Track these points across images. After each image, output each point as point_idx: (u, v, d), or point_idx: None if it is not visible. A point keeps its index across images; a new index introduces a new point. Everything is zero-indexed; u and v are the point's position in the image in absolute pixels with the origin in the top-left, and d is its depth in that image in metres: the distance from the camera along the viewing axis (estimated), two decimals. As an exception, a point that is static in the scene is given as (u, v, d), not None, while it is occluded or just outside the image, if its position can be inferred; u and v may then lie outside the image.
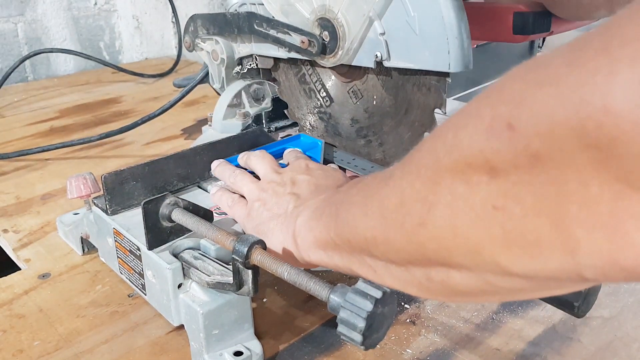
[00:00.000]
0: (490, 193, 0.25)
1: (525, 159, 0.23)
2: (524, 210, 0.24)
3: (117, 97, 1.38)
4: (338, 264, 0.41)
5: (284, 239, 0.47)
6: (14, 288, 0.62)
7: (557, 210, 0.22)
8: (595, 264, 0.22)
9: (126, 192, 0.57)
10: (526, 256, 0.25)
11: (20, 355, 0.52)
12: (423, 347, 0.52)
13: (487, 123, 0.24)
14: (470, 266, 0.28)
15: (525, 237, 0.24)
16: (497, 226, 0.25)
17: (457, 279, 0.30)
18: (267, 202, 0.52)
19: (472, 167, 0.25)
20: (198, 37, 0.77)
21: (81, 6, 1.72)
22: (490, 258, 0.26)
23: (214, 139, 0.65)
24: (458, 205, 0.27)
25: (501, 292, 0.29)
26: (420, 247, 0.30)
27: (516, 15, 0.56)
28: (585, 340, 0.52)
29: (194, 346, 0.49)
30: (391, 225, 0.32)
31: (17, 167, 0.96)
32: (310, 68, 0.69)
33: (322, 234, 0.41)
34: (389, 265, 0.35)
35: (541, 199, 0.23)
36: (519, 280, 0.27)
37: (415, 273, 0.33)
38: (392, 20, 0.54)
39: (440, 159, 0.28)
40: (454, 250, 0.28)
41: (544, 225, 0.23)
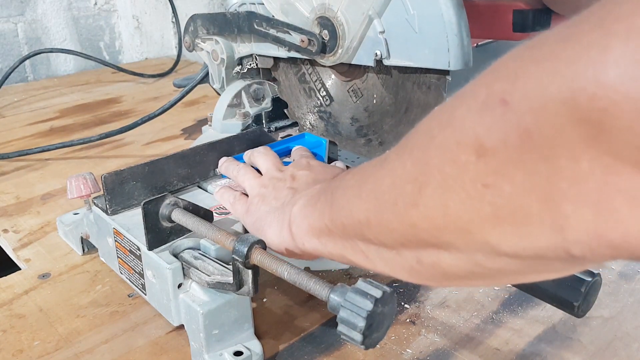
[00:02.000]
0: (479, 172, 0.25)
1: (517, 135, 0.23)
2: (514, 188, 0.24)
3: (117, 97, 1.38)
4: (332, 252, 0.41)
5: (280, 230, 0.47)
6: (14, 288, 0.62)
7: (546, 187, 0.22)
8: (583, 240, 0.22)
9: (126, 192, 0.57)
10: (515, 234, 0.25)
11: (20, 355, 0.52)
12: (423, 346, 0.52)
13: (481, 100, 0.24)
14: (461, 246, 0.28)
15: (515, 214, 0.24)
16: (487, 204, 0.25)
17: (447, 261, 0.30)
18: (266, 197, 0.52)
19: (461, 145, 0.25)
20: (198, 37, 0.77)
21: (81, 6, 1.72)
22: (480, 237, 0.26)
23: (214, 139, 0.65)
24: (448, 185, 0.27)
25: (490, 274, 0.29)
26: (412, 228, 0.30)
27: (516, 13, 0.56)
28: (585, 340, 0.52)
29: (194, 346, 0.49)
30: (384, 207, 0.32)
31: (17, 167, 0.96)
32: (310, 67, 0.69)
33: (317, 220, 0.41)
34: (380, 249, 0.35)
35: (531, 176, 0.23)
36: (508, 260, 0.27)
37: (407, 256, 0.33)
38: (392, 18, 0.54)
39: (431, 138, 0.28)
40: (444, 230, 0.28)
41: (533, 202, 0.23)
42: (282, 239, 0.46)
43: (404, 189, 0.30)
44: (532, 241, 0.24)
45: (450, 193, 0.27)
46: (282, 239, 0.46)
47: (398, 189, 0.31)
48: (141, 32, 1.86)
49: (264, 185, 0.54)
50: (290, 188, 0.51)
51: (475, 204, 0.26)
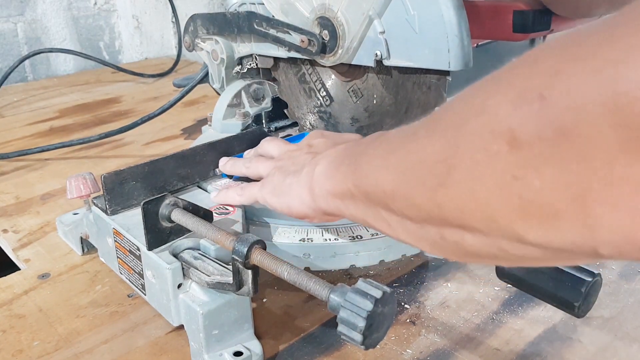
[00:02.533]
0: (510, 163, 0.25)
1: (552, 132, 0.22)
2: (544, 183, 0.23)
3: (117, 97, 1.38)
4: (353, 214, 0.41)
5: (300, 191, 0.46)
6: (14, 288, 0.62)
7: (578, 186, 0.22)
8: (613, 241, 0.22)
9: (126, 192, 0.57)
10: (543, 227, 0.25)
11: (20, 355, 0.52)
12: (423, 347, 0.51)
13: (517, 92, 0.24)
14: (486, 231, 0.28)
15: (543, 209, 0.24)
16: (515, 196, 0.25)
17: (470, 242, 0.30)
18: (283, 167, 0.51)
19: (494, 135, 0.25)
20: (198, 37, 0.77)
21: (81, 6, 1.72)
22: (506, 226, 0.26)
23: (213, 139, 0.65)
24: (478, 171, 0.27)
25: (512, 258, 0.29)
26: (438, 207, 0.30)
27: (516, 14, 0.56)
28: (585, 340, 0.52)
29: (194, 346, 0.49)
30: (412, 182, 0.32)
31: (16, 167, 0.96)
32: (310, 67, 0.69)
33: (340, 183, 0.41)
34: (404, 220, 0.35)
35: (563, 174, 0.23)
36: (533, 249, 0.27)
37: (430, 231, 0.33)
38: (392, 18, 0.54)
39: (464, 122, 0.28)
40: (470, 215, 0.28)
41: (564, 199, 0.23)
42: (302, 201, 0.46)
43: (433, 168, 0.30)
44: (560, 236, 0.24)
45: (479, 180, 0.27)
46: (302, 201, 0.46)
47: (427, 167, 0.31)
48: (141, 32, 1.85)
49: (281, 159, 0.53)
50: (309, 153, 0.50)
51: (504, 194, 0.26)
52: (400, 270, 0.63)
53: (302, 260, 0.54)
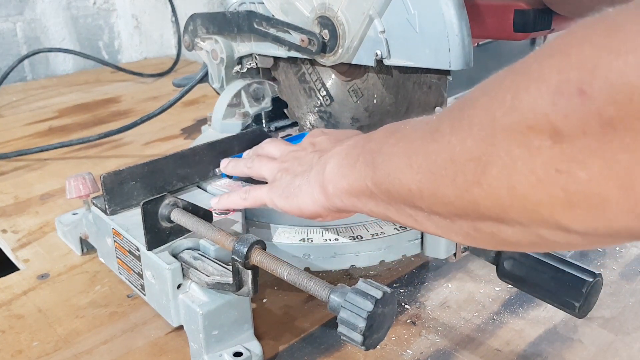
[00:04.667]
0: (553, 157, 0.25)
1: (597, 125, 0.23)
2: (590, 175, 0.24)
3: (116, 96, 1.38)
4: (373, 211, 0.41)
5: (311, 191, 0.45)
6: (13, 288, 0.62)
7: (626, 175, 0.23)
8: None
9: (125, 192, 0.57)
10: (589, 217, 0.25)
11: (19, 355, 0.52)
12: (424, 347, 0.51)
13: (554, 87, 0.24)
14: (525, 223, 0.28)
15: (590, 199, 0.24)
16: (559, 189, 0.25)
17: (507, 233, 0.30)
18: (289, 168, 0.50)
19: (534, 130, 0.25)
20: (197, 37, 0.77)
21: (80, 5, 1.72)
22: (548, 217, 0.26)
23: (213, 139, 0.64)
24: (516, 167, 0.27)
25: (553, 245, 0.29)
26: (473, 204, 0.30)
27: (517, 13, 0.56)
28: (586, 340, 0.52)
29: (194, 347, 0.49)
30: (440, 181, 0.32)
31: (15, 167, 0.96)
32: (310, 67, 0.69)
33: (357, 181, 0.40)
34: (432, 216, 0.35)
35: (610, 165, 0.23)
36: (576, 236, 0.27)
37: (463, 225, 0.33)
38: (392, 18, 0.54)
39: (496, 119, 0.27)
40: (509, 208, 0.28)
41: (611, 188, 0.23)
42: (315, 201, 0.45)
43: (465, 167, 0.30)
44: (607, 224, 0.25)
45: (519, 175, 0.26)
46: (315, 201, 0.45)
47: (458, 166, 0.30)
48: (140, 31, 1.85)
49: (285, 160, 0.52)
50: (314, 152, 0.49)
51: (547, 187, 0.26)
52: (401, 270, 0.63)
53: (302, 261, 0.54)
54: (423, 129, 0.35)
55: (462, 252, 0.54)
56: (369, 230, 0.55)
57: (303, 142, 0.54)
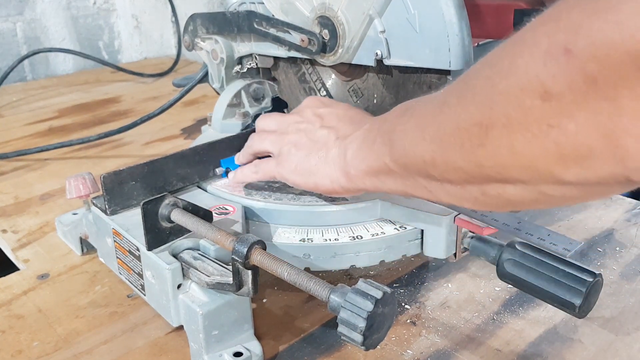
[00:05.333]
0: (544, 114, 0.27)
1: (581, 81, 0.25)
2: (578, 127, 0.26)
3: (116, 96, 1.38)
4: (391, 188, 0.44)
5: (332, 173, 0.48)
6: (13, 288, 0.62)
7: (609, 124, 0.25)
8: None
9: (125, 192, 0.57)
10: (579, 166, 0.27)
11: (19, 355, 0.52)
12: (424, 347, 0.51)
13: (544, 49, 0.26)
14: (526, 180, 0.31)
15: (579, 150, 0.27)
16: (552, 142, 0.28)
17: (512, 192, 0.33)
18: (298, 143, 0.52)
19: (526, 91, 0.28)
20: (197, 37, 0.77)
21: (80, 5, 1.72)
22: (545, 171, 0.29)
23: (213, 139, 0.64)
24: (513, 127, 0.29)
25: (552, 200, 0.32)
26: (479, 167, 0.33)
27: (517, 13, 0.56)
28: (586, 340, 0.52)
29: (194, 347, 0.49)
30: (450, 147, 0.34)
31: (15, 167, 0.96)
32: (310, 67, 0.69)
33: (375, 161, 0.43)
34: (444, 184, 0.37)
35: (594, 116, 0.25)
36: (571, 187, 0.30)
37: (472, 190, 0.35)
38: (393, 18, 0.54)
39: (494, 85, 0.30)
40: (510, 167, 0.31)
41: (596, 138, 0.26)
42: (334, 181, 0.48)
43: (470, 132, 0.32)
44: (595, 171, 0.27)
45: (516, 134, 0.29)
46: (334, 181, 0.48)
47: (464, 132, 0.33)
48: (140, 31, 1.85)
49: (287, 133, 0.54)
50: (325, 127, 0.52)
51: (541, 142, 0.28)
52: (401, 270, 0.63)
53: (302, 261, 0.54)
54: (432, 104, 0.37)
55: (462, 252, 0.54)
56: (369, 230, 0.55)
57: (305, 113, 0.55)
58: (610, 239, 0.68)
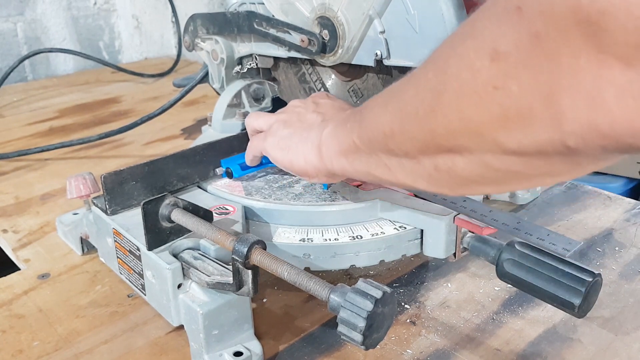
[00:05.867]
0: (491, 75, 0.28)
1: (527, 38, 0.26)
2: (520, 88, 0.27)
3: (117, 97, 1.38)
4: (357, 169, 0.44)
5: (307, 151, 0.49)
6: (14, 288, 0.62)
7: (549, 84, 0.25)
8: (577, 131, 0.26)
9: (126, 192, 0.57)
10: (520, 131, 0.28)
11: (20, 355, 0.52)
12: (423, 347, 0.51)
13: (500, 10, 0.27)
14: (472, 147, 0.32)
15: (521, 112, 0.27)
16: (497, 105, 0.28)
17: (460, 165, 0.33)
18: (288, 121, 0.54)
19: (478, 52, 0.28)
20: (198, 37, 0.77)
21: (81, 6, 1.72)
22: (489, 136, 0.30)
23: (213, 139, 0.64)
24: (463, 90, 0.30)
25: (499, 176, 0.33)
26: (431, 133, 0.34)
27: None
28: (585, 340, 0.52)
29: (194, 346, 0.49)
30: (407, 116, 0.36)
31: (16, 167, 0.96)
32: (310, 67, 0.69)
33: (346, 139, 0.44)
34: (402, 160, 0.38)
35: (536, 76, 0.26)
36: (513, 158, 0.30)
37: (425, 163, 0.36)
38: (392, 18, 0.54)
39: (453, 48, 0.31)
40: (459, 133, 0.32)
41: (537, 100, 0.26)
42: (307, 160, 0.49)
43: (424, 97, 0.33)
44: (534, 136, 0.28)
45: (465, 97, 0.30)
46: (307, 160, 0.49)
47: (419, 98, 0.34)
48: (141, 31, 1.85)
49: (284, 112, 0.56)
50: (316, 112, 0.53)
51: (486, 105, 0.29)
52: (400, 270, 0.63)
53: (302, 260, 0.54)
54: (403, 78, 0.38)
55: (461, 252, 0.55)
56: (368, 230, 0.55)
57: (307, 100, 0.57)
58: (609, 239, 0.68)
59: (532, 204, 0.76)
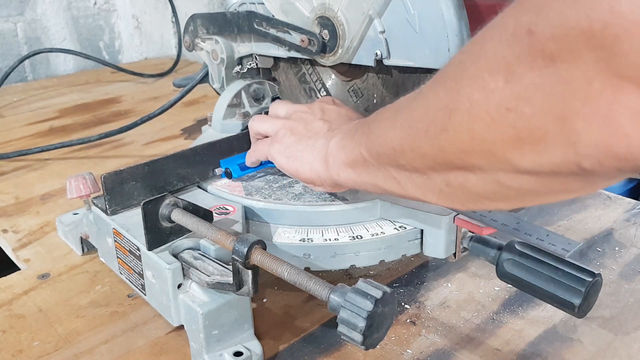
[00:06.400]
0: (504, 97, 0.28)
1: (541, 60, 0.26)
2: (533, 110, 0.27)
3: (117, 97, 1.38)
4: (365, 181, 0.44)
5: (313, 160, 0.49)
6: (14, 288, 0.62)
7: (562, 107, 0.26)
8: (592, 153, 0.26)
9: (126, 192, 0.57)
10: (534, 152, 0.28)
11: (20, 355, 0.52)
12: (423, 347, 0.51)
13: (510, 32, 0.27)
14: (485, 166, 0.32)
15: (534, 134, 0.27)
16: (509, 126, 0.28)
17: (472, 182, 0.33)
18: (294, 128, 0.54)
19: (492, 73, 0.28)
20: (198, 37, 0.77)
21: (81, 6, 1.72)
22: (502, 156, 0.30)
23: (213, 139, 0.64)
24: (475, 111, 0.30)
25: (511, 193, 0.33)
26: (442, 152, 0.34)
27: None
28: (585, 340, 0.52)
29: (194, 346, 0.49)
30: (417, 134, 0.35)
31: (16, 167, 0.96)
32: (310, 67, 0.69)
33: (353, 151, 0.44)
34: (412, 174, 0.38)
35: (549, 98, 0.26)
36: (528, 177, 0.30)
37: (436, 179, 0.36)
38: (392, 18, 0.54)
39: (465, 69, 0.31)
40: (470, 152, 0.32)
41: (550, 122, 0.26)
42: (313, 169, 0.49)
43: (435, 116, 0.33)
44: (548, 157, 0.28)
45: (476, 118, 0.30)
46: (313, 169, 0.49)
47: (430, 117, 0.34)
48: (141, 31, 1.85)
49: (290, 119, 0.56)
50: (323, 120, 0.53)
51: (499, 126, 0.29)
52: (400, 270, 0.63)
53: (302, 260, 0.54)
54: (411, 94, 0.38)
55: (461, 252, 0.55)
56: (368, 230, 0.55)
57: (313, 105, 0.57)
58: (609, 239, 0.68)
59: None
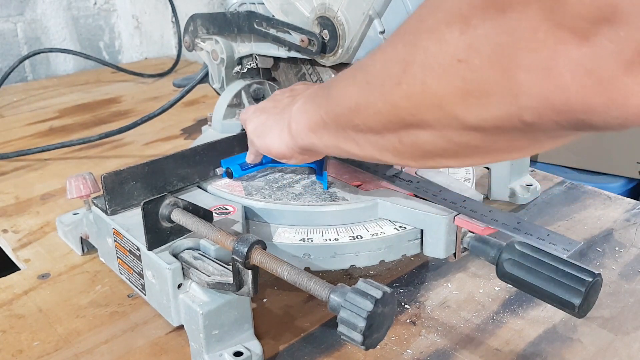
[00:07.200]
0: (457, 48, 0.28)
1: (494, 10, 0.26)
2: (482, 61, 0.27)
3: (117, 97, 1.38)
4: (327, 144, 0.44)
5: (280, 131, 0.49)
6: (14, 288, 0.62)
7: (507, 58, 0.26)
8: (533, 105, 0.26)
9: (126, 192, 0.57)
10: (479, 105, 0.29)
11: (20, 355, 0.52)
12: (423, 347, 0.51)
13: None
14: (434, 123, 0.32)
15: (480, 86, 0.28)
16: (459, 78, 0.29)
17: (423, 139, 0.34)
18: (264, 107, 0.55)
19: (448, 24, 0.29)
20: (198, 37, 0.77)
21: (81, 6, 1.72)
22: (450, 111, 0.31)
23: (213, 139, 0.64)
24: (429, 63, 0.30)
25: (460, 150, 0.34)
26: (395, 107, 0.34)
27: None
28: (585, 340, 0.52)
29: (194, 346, 0.49)
30: (372, 89, 0.36)
31: (16, 167, 0.96)
32: (310, 67, 0.69)
33: (314, 114, 0.44)
34: (368, 135, 0.39)
35: (497, 48, 0.26)
36: (473, 134, 0.31)
37: (390, 138, 0.37)
38: (392, 18, 0.54)
39: (423, 21, 0.31)
40: (421, 107, 0.32)
41: (496, 73, 0.27)
42: (282, 140, 0.49)
43: (391, 70, 0.34)
44: (492, 111, 0.28)
45: (430, 70, 0.30)
46: (282, 140, 0.49)
47: (387, 71, 0.34)
48: (141, 31, 1.85)
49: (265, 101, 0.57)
50: (291, 95, 0.54)
51: (449, 78, 0.29)
52: (400, 270, 0.63)
53: (302, 260, 0.54)
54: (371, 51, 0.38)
55: (461, 252, 0.55)
56: (368, 230, 0.55)
57: (286, 88, 0.58)
58: (609, 239, 0.68)
59: (532, 204, 0.77)
